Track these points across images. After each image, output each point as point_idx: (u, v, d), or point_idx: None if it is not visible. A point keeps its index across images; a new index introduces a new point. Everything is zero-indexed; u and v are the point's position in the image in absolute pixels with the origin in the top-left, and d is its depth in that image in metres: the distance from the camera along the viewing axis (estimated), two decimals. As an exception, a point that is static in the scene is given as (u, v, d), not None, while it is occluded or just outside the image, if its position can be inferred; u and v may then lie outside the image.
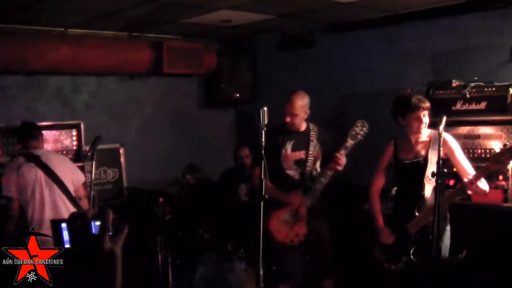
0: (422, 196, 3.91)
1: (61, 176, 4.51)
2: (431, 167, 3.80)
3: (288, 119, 4.40)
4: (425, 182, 3.90)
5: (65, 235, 1.40)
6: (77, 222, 1.30)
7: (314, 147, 4.48)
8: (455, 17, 5.17)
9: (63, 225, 1.40)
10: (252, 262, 3.63)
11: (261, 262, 3.05)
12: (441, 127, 3.57)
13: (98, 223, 1.28)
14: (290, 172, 4.47)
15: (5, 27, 5.27)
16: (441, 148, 3.55)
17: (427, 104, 3.94)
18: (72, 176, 4.65)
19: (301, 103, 4.42)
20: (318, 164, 4.51)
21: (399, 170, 4.13)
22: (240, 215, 5.36)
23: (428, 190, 3.89)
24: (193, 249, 5.18)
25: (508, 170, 4.24)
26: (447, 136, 3.92)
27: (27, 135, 4.67)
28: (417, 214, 3.89)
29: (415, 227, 3.89)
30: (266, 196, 3.42)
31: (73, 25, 5.60)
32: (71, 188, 4.57)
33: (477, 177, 3.67)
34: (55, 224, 1.43)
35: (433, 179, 3.67)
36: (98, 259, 1.25)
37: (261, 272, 3.07)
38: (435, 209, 3.43)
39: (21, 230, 4.37)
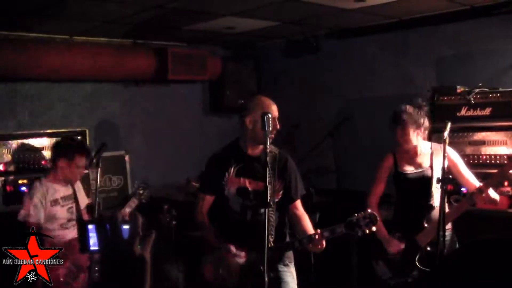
0: (430, 206, 3.83)
1: None
2: (437, 175, 3.72)
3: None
4: (432, 191, 3.84)
5: (92, 237, 1.37)
6: (106, 225, 1.25)
7: (275, 178, 3.34)
8: (460, 23, 5.18)
9: (90, 226, 1.37)
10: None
11: (266, 269, 3.03)
12: (446, 133, 3.52)
13: (126, 227, 1.25)
14: (234, 205, 3.44)
15: (9, 35, 5.30)
16: (446, 155, 3.49)
17: (412, 119, 3.80)
18: None
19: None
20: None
21: (402, 182, 3.98)
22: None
23: (437, 199, 3.78)
24: (199, 255, 5.16)
25: (514, 176, 4.21)
26: (448, 149, 3.78)
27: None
28: (426, 225, 3.78)
29: (426, 239, 3.75)
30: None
31: (78, 32, 5.63)
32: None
33: (488, 185, 3.63)
34: (82, 225, 1.39)
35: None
36: (129, 265, 1.22)
37: (266, 279, 3.05)
38: (440, 216, 3.39)
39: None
